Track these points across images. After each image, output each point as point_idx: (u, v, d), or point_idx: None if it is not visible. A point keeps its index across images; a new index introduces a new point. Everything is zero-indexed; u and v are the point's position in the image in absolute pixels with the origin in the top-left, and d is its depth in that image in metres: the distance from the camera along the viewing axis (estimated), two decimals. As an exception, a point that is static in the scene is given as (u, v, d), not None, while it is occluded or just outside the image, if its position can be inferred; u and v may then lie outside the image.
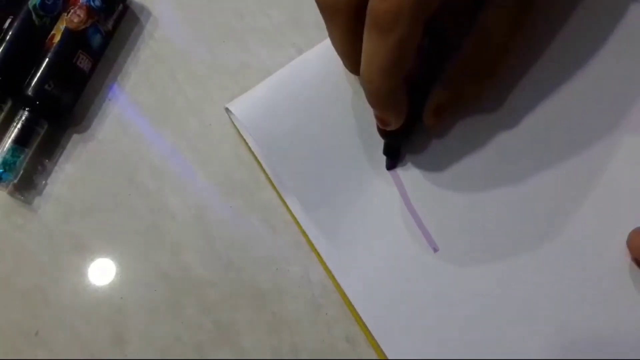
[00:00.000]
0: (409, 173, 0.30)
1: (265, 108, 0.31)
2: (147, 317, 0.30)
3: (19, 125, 0.32)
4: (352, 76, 0.32)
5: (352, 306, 0.29)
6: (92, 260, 0.32)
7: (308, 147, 0.31)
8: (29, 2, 0.32)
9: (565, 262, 0.28)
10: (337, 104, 0.31)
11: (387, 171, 0.31)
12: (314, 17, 0.35)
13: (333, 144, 0.31)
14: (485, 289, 0.28)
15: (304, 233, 0.31)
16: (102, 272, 0.31)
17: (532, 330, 0.28)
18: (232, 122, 0.33)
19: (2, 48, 0.32)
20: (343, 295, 0.30)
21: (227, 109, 0.32)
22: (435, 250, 0.29)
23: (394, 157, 0.31)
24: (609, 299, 0.28)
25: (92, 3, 0.33)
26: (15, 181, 0.32)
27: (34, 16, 0.32)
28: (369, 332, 0.29)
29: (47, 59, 0.32)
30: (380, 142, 0.31)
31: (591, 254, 0.28)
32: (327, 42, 0.33)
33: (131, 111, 0.34)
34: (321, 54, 0.32)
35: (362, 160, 0.31)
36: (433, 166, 0.31)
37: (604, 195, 0.29)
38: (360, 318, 0.29)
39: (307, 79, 0.32)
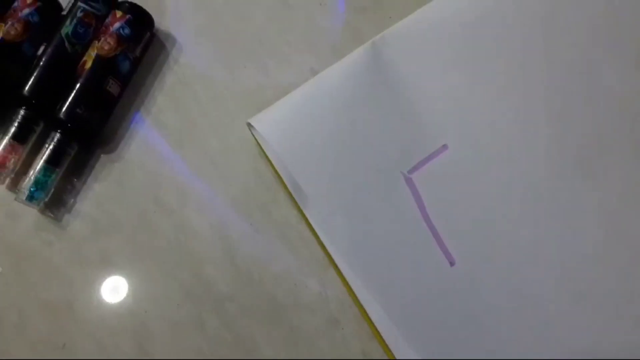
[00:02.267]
0: (426, 187, 0.31)
1: (286, 122, 0.32)
2: (169, 330, 0.31)
3: (50, 147, 0.34)
4: (370, 91, 0.33)
5: (370, 321, 0.30)
6: (118, 275, 0.33)
7: (327, 160, 0.32)
8: (62, 30, 0.34)
9: (580, 277, 0.29)
10: (357, 117, 0.32)
11: (405, 186, 0.31)
12: (330, 41, 0.37)
13: (352, 157, 0.32)
14: (501, 302, 0.29)
15: (323, 248, 0.32)
16: (126, 286, 0.33)
17: (549, 343, 0.28)
18: (254, 138, 0.34)
19: (36, 73, 0.33)
20: (361, 309, 0.30)
21: (249, 124, 0.33)
22: (452, 264, 0.30)
23: None
24: (623, 305, 0.28)
25: (121, 31, 0.34)
26: (47, 199, 0.34)
27: (66, 43, 0.34)
28: (387, 347, 0.29)
29: (78, 84, 0.34)
30: (397, 158, 0.32)
31: (603, 263, 0.29)
32: (344, 60, 0.34)
33: (156, 133, 0.36)
34: (339, 71, 0.33)
35: (381, 174, 0.32)
36: (451, 180, 0.31)
37: (621, 208, 0.30)
38: (377, 332, 0.29)
39: (326, 94, 0.33)
